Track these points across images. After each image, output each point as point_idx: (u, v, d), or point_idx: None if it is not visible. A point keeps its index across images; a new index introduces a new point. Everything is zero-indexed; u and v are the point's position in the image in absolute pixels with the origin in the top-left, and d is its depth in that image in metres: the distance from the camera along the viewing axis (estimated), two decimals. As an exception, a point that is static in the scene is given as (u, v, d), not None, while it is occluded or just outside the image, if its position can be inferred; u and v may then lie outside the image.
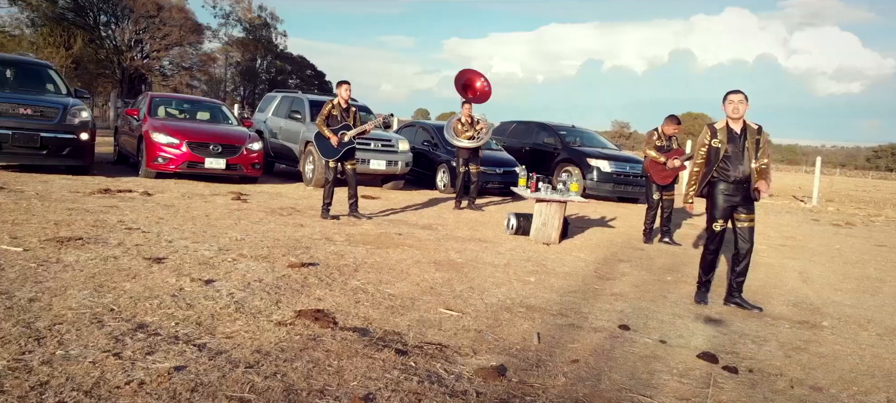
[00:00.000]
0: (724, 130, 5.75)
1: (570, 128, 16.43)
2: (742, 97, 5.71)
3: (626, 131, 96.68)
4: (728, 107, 5.72)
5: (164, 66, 53.91)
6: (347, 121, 8.67)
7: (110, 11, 52.25)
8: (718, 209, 5.81)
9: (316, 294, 4.88)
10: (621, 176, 14.67)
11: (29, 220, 6.42)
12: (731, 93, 5.74)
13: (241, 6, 57.97)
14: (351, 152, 8.69)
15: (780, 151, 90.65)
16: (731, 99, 5.70)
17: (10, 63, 11.03)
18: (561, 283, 6.22)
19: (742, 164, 5.72)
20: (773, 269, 8.08)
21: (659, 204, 9.23)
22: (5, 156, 9.34)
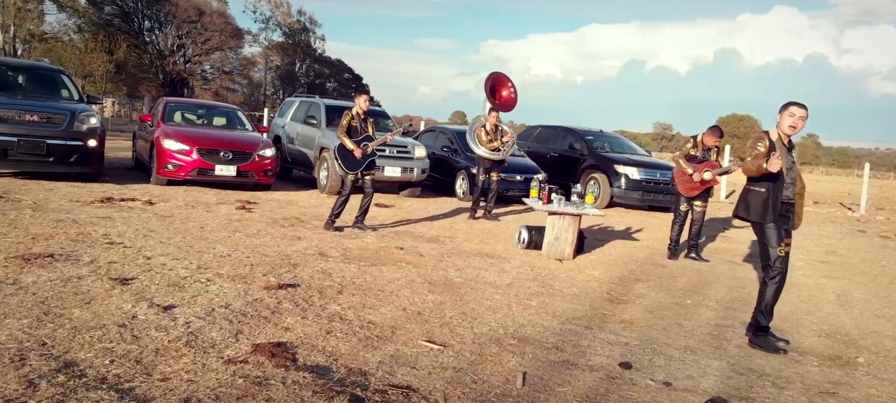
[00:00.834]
0: (780, 143, 5.02)
1: (598, 133, 15.77)
2: (805, 113, 4.95)
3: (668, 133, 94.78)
4: (786, 120, 4.97)
5: (206, 70, 54.50)
6: (366, 130, 8.25)
7: (154, 17, 53.08)
8: (776, 234, 4.99)
9: (285, 322, 4.44)
10: (651, 183, 13.96)
11: (8, 233, 6.11)
12: (795, 105, 4.98)
13: (280, 11, 58.35)
14: (371, 163, 8.27)
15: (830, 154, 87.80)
16: (794, 111, 4.94)
17: (21, 69, 10.89)
18: (565, 308, 5.67)
19: (791, 183, 5.07)
20: (808, 290, 7.39)
21: (687, 215, 8.58)
22: (12, 163, 9.14)
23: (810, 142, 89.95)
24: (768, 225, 5.03)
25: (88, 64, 44.15)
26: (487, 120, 10.34)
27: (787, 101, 5.06)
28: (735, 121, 78.92)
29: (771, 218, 5.02)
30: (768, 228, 5.04)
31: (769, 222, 5.02)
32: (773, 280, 5.07)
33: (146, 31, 52.80)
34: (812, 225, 14.59)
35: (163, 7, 51.66)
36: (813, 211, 18.92)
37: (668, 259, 8.51)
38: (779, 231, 5.03)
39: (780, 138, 5.06)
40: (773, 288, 5.08)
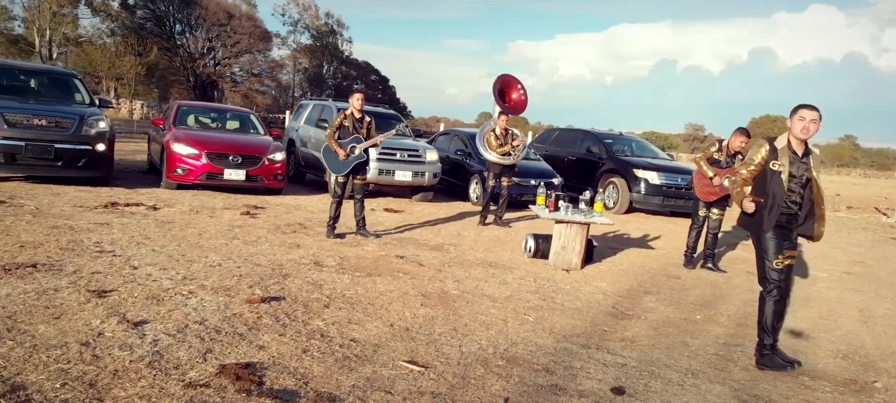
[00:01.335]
0: (786, 151, 4.68)
1: (618, 137, 15.38)
2: (817, 116, 4.61)
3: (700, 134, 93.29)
4: (796, 125, 4.63)
5: (235, 73, 54.92)
6: (360, 132, 8.02)
7: (184, 20, 53.61)
8: (774, 245, 4.68)
9: (261, 339, 4.22)
10: (672, 188, 13.54)
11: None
12: (806, 107, 4.64)
13: (308, 14, 58.58)
14: (361, 166, 8.03)
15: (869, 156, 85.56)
16: (804, 115, 4.60)
17: (33, 72, 10.87)
18: (564, 323, 5.38)
19: (798, 193, 4.69)
20: (829, 305, 7.00)
21: (705, 221, 8.21)
22: (19, 167, 9.09)
23: (848, 144, 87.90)
24: (766, 234, 4.71)
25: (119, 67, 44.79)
26: (497, 123, 10.06)
27: (796, 104, 4.72)
28: (769, 122, 77.24)
29: (769, 227, 4.69)
30: (765, 238, 4.72)
31: (767, 232, 4.69)
32: (770, 294, 4.74)
33: (177, 35, 53.36)
34: (842, 232, 14.05)
35: (193, 10, 52.15)
36: (845, 217, 18.30)
37: (683, 267, 8.15)
38: (777, 241, 4.70)
39: (790, 144, 4.71)
40: (770, 304, 4.76)
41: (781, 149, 4.69)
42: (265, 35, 53.80)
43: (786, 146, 4.70)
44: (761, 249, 4.77)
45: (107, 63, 45.38)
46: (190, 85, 52.60)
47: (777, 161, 4.66)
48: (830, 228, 14.48)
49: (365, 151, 7.95)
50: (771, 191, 4.68)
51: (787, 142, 4.72)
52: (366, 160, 8.02)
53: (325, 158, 8.03)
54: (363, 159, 7.95)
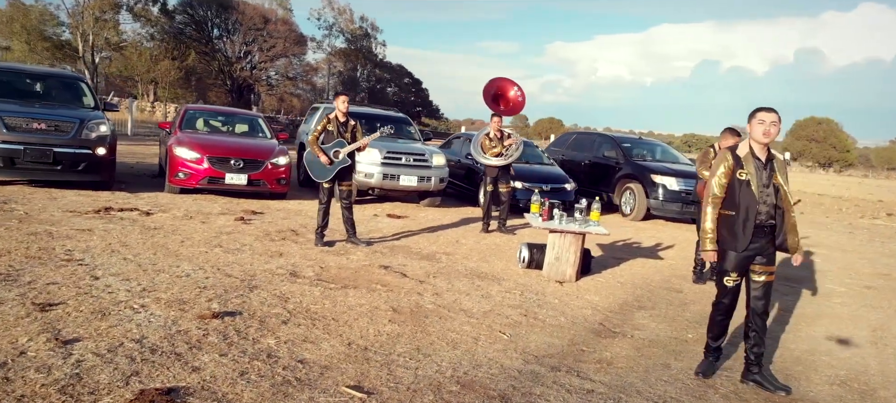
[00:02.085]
0: (750, 158, 4.35)
1: (637, 140, 14.83)
2: (777, 118, 4.31)
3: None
4: (756, 129, 4.31)
5: (271, 77, 55.32)
6: (345, 136, 7.71)
7: (222, 25, 54.21)
8: (731, 260, 4.41)
9: (199, 360, 3.92)
10: (692, 195, 12.95)
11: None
12: (763, 110, 4.33)
13: (343, 18, 58.78)
14: (347, 171, 7.73)
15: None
16: (763, 118, 4.29)
17: (38, 76, 10.81)
18: (541, 342, 5.00)
19: (770, 202, 4.33)
20: (839, 323, 6.47)
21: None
22: (19, 171, 9.00)
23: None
24: (731, 251, 4.40)
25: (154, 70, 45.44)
26: (490, 127, 9.68)
27: (754, 108, 4.39)
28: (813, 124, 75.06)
29: (742, 246, 4.34)
30: (729, 253, 4.41)
31: (742, 248, 4.34)
32: (717, 306, 4.61)
33: (215, 39, 53.98)
34: (874, 242, 13.33)
35: (231, 15, 52.70)
36: (883, 224, 17.44)
37: (693, 282, 7.66)
38: (739, 258, 4.38)
39: (753, 151, 4.36)
40: (714, 314, 4.64)
41: (745, 157, 4.37)
42: (300, 39, 54.08)
43: (749, 153, 4.37)
44: (723, 261, 4.49)
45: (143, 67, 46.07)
46: (227, 88, 53.19)
47: (743, 170, 4.33)
48: (862, 238, 13.74)
49: (350, 155, 7.64)
50: (742, 204, 4.33)
51: (749, 150, 4.38)
52: (351, 165, 7.72)
53: (308, 165, 7.74)
54: (347, 164, 7.64)
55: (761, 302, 4.46)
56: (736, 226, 4.34)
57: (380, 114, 13.62)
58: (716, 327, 4.63)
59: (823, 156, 71.56)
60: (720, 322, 4.60)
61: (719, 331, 4.63)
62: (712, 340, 4.67)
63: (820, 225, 15.37)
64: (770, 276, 4.45)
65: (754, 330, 4.49)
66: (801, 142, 73.31)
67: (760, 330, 4.48)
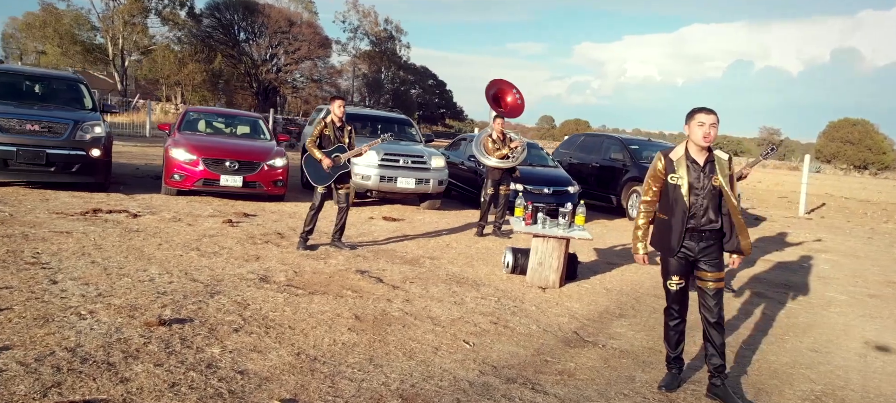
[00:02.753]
0: (683, 161, 4.15)
1: (646, 142, 14.45)
2: (715, 119, 4.11)
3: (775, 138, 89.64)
4: (696, 131, 4.11)
5: (296, 79, 55.60)
6: (342, 141, 7.55)
7: (249, 28, 54.64)
8: (669, 264, 4.27)
9: (131, 371, 3.76)
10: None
11: (-65, 251, 5.78)
12: (702, 111, 4.14)
13: (368, 20, 58.91)
14: (345, 176, 7.57)
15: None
16: (703, 120, 4.10)
17: (36, 77, 10.82)
18: (504, 351, 4.76)
19: (706, 206, 4.11)
20: (830, 333, 6.12)
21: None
22: (12, 173, 8.99)
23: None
24: (667, 255, 4.25)
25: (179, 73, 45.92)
26: (493, 128, 9.44)
27: (691, 109, 4.15)
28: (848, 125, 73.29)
29: (674, 250, 4.18)
30: (666, 258, 4.28)
31: (676, 250, 4.18)
32: (668, 312, 4.40)
33: (241, 43, 54.42)
34: (893, 248, 12.77)
35: (257, 18, 53.08)
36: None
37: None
38: (677, 262, 4.22)
39: (689, 153, 4.16)
40: (667, 322, 4.43)
41: (678, 160, 4.17)
42: (325, 42, 54.28)
43: (682, 156, 4.17)
44: (662, 267, 4.36)
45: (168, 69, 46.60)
46: (252, 91, 53.60)
47: (675, 173, 4.15)
48: (880, 244, 13.20)
49: (349, 161, 7.50)
50: (675, 208, 4.16)
51: (684, 152, 4.17)
52: (348, 170, 7.57)
53: (307, 169, 7.58)
54: (346, 169, 7.50)
55: (713, 310, 4.22)
56: (669, 230, 4.20)
57: (380, 115, 13.46)
58: (670, 335, 4.42)
59: (859, 159, 69.75)
60: (673, 328, 4.40)
61: (675, 340, 4.42)
62: (671, 350, 4.45)
63: (837, 231, 14.83)
64: (719, 283, 4.22)
65: (710, 340, 4.24)
66: (835, 143, 71.63)
67: (716, 340, 4.22)
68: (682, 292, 4.31)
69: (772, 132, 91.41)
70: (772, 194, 23.51)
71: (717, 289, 4.23)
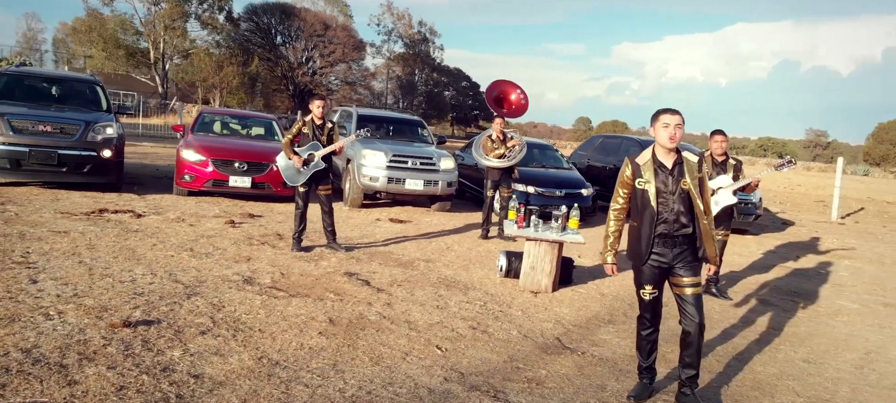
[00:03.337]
0: (650, 165, 3.96)
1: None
2: (680, 120, 3.92)
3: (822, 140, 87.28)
4: (661, 133, 3.93)
5: (331, 82, 56.04)
6: (321, 139, 7.46)
7: (285, 31, 55.28)
8: (641, 272, 4.06)
9: (83, 374, 3.71)
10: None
11: (-72, 250, 5.85)
12: (666, 112, 3.96)
13: (402, 23, 59.13)
14: (323, 175, 7.47)
15: None
16: (667, 121, 3.92)
17: (53, 79, 11.00)
18: (476, 358, 4.61)
19: (676, 210, 3.91)
20: (829, 343, 5.83)
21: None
22: (25, 173, 9.13)
23: None
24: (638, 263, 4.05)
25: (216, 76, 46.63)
26: (493, 128, 9.26)
27: (656, 111, 3.94)
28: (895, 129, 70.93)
29: (647, 252, 3.97)
30: (636, 266, 4.10)
31: (646, 257, 3.99)
32: (641, 321, 4.18)
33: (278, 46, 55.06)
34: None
35: (293, 22, 53.66)
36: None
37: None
38: (648, 270, 4.02)
39: (655, 157, 3.97)
40: (639, 331, 4.21)
41: (644, 165, 3.98)
42: (359, 45, 54.60)
43: (649, 160, 3.97)
44: (635, 275, 4.16)
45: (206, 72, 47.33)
46: (289, 93, 54.19)
47: (642, 178, 3.96)
48: None
49: (326, 159, 7.39)
50: (643, 214, 3.98)
51: (650, 156, 3.98)
52: (326, 169, 7.46)
53: (281, 169, 7.50)
54: (322, 167, 7.39)
55: (694, 318, 4.00)
56: (639, 237, 4.02)
57: (391, 116, 13.38)
58: (642, 344, 4.22)
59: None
60: (646, 337, 4.19)
61: (647, 349, 4.21)
62: (642, 359, 4.25)
63: (870, 236, 14.25)
64: (697, 288, 3.99)
65: (688, 348, 4.01)
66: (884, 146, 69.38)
67: (694, 347, 4.00)
68: (656, 301, 4.12)
69: (818, 134, 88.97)
70: (808, 198, 22.81)
71: (695, 295, 4.02)
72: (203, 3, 50.99)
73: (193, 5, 50.52)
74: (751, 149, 77.81)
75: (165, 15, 48.79)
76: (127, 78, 51.96)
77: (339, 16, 55.38)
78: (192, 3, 50.59)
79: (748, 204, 12.56)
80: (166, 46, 49.89)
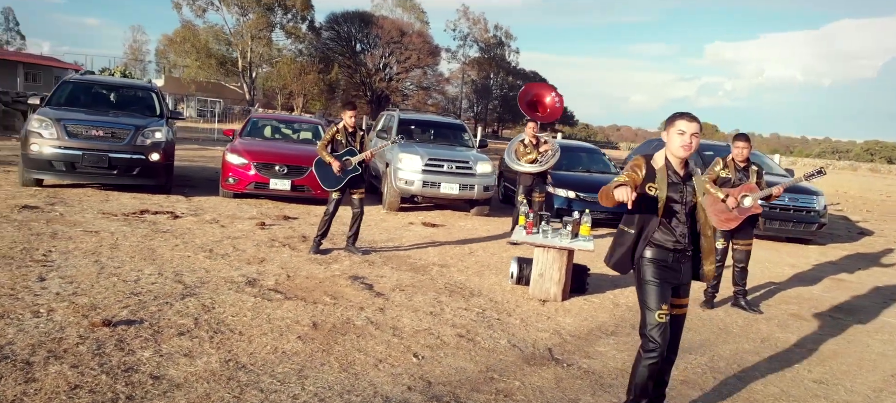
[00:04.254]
0: (664, 171, 3.53)
1: (723, 147, 13.31)
2: (697, 128, 3.49)
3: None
4: (674, 140, 3.50)
5: (406, 87, 56.66)
6: (353, 146, 7.43)
7: (364, 39, 56.33)
8: (655, 292, 3.51)
9: (43, 371, 3.75)
10: (777, 209, 11.48)
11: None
12: (683, 117, 3.52)
13: (478, 27, 59.09)
14: (357, 180, 7.44)
15: None
16: (683, 128, 3.48)
17: (112, 87, 11.47)
18: (453, 366, 4.43)
19: (687, 225, 3.53)
20: (856, 363, 5.33)
21: (725, 255, 6.63)
22: (79, 175, 9.54)
23: None
24: (646, 281, 3.53)
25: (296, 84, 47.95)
26: (526, 132, 8.98)
27: (672, 114, 3.49)
28: None
29: (631, 265, 3.56)
30: (647, 285, 3.53)
31: (650, 277, 3.49)
32: (649, 355, 3.51)
33: (358, 53, 56.17)
34: None
35: (372, 30, 54.64)
36: None
37: (700, 306, 6.62)
38: (661, 288, 3.50)
39: (669, 164, 3.52)
40: (646, 366, 3.53)
41: (659, 170, 3.51)
42: (434, 50, 54.95)
43: (663, 166, 3.52)
44: (641, 296, 3.59)
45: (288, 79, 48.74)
46: (367, 99, 55.17)
47: (653, 183, 3.49)
48: None
49: (360, 164, 7.36)
50: (644, 221, 3.51)
51: (664, 162, 3.52)
52: (361, 174, 7.43)
53: (318, 173, 7.50)
54: (358, 172, 7.36)
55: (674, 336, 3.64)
56: (635, 247, 3.59)
57: (434, 120, 13.26)
58: (643, 381, 3.58)
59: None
60: (652, 369, 3.55)
61: (655, 383, 3.65)
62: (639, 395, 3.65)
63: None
64: (682, 309, 3.63)
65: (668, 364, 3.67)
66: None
67: (666, 374, 3.65)
68: (676, 320, 3.66)
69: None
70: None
71: (679, 315, 3.66)
72: (287, 14, 52.62)
73: (278, 15, 52.19)
74: (856, 153, 72.94)
75: (252, 25, 50.63)
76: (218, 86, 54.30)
77: (416, 22, 55.92)
78: (277, 14, 52.28)
79: (810, 212, 11.77)
80: (253, 55, 51.77)
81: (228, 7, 50.64)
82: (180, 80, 53.99)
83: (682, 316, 3.64)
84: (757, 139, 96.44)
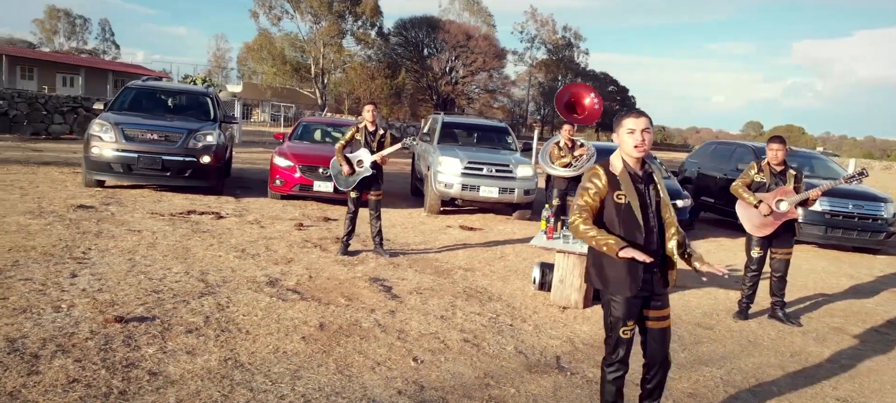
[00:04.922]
0: (626, 175, 3.33)
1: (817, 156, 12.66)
2: (647, 123, 3.30)
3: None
4: (626, 140, 3.31)
5: (471, 90, 56.60)
6: (371, 146, 7.43)
7: (431, 44, 56.63)
8: (621, 306, 3.33)
9: (48, 365, 3.88)
10: (840, 217, 10.84)
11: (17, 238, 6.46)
12: (631, 115, 3.34)
13: (546, 29, 58.48)
14: (374, 180, 7.43)
15: None
16: (632, 126, 3.29)
17: (170, 92, 11.90)
18: (451, 371, 4.35)
19: (652, 230, 3.33)
20: (889, 382, 4.87)
21: (762, 263, 6.27)
22: (135, 177, 9.93)
23: None
24: (614, 295, 3.34)
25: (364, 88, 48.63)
26: (562, 135, 8.76)
27: (618, 114, 3.32)
28: None
29: (634, 288, 3.28)
30: (614, 298, 3.35)
31: (632, 291, 3.29)
32: (611, 369, 3.42)
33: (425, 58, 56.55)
34: None
35: (438, 35, 54.90)
36: None
37: (733, 317, 6.29)
38: (628, 305, 3.31)
39: (627, 166, 3.33)
40: (610, 381, 3.45)
41: (621, 175, 3.31)
42: (500, 53, 54.69)
43: (623, 169, 3.32)
44: (608, 311, 3.42)
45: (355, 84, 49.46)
46: (433, 103, 55.44)
47: (620, 191, 3.29)
48: None
49: (373, 166, 7.34)
50: (626, 234, 3.26)
51: (623, 165, 3.33)
52: (376, 175, 7.41)
53: (334, 174, 7.55)
54: (370, 174, 7.35)
55: (660, 351, 3.44)
56: (618, 262, 3.26)
57: (478, 123, 13.14)
58: (613, 396, 3.49)
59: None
60: (614, 381, 3.48)
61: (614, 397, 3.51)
62: None
63: None
64: (664, 321, 3.41)
65: (652, 380, 3.48)
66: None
67: (658, 381, 3.46)
68: (663, 333, 3.46)
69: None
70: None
71: (662, 328, 3.43)
72: (357, 21, 53.47)
73: (349, 23, 53.11)
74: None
75: (324, 32, 51.69)
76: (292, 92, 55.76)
77: (483, 26, 55.81)
78: (348, 21, 53.20)
79: (878, 220, 11.05)
80: (325, 62, 52.87)
81: (302, 15, 51.90)
82: (258, 86, 55.71)
83: (664, 329, 3.41)
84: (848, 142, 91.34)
